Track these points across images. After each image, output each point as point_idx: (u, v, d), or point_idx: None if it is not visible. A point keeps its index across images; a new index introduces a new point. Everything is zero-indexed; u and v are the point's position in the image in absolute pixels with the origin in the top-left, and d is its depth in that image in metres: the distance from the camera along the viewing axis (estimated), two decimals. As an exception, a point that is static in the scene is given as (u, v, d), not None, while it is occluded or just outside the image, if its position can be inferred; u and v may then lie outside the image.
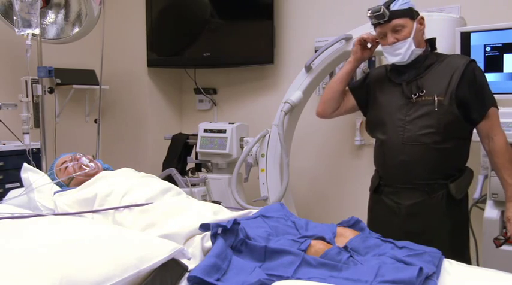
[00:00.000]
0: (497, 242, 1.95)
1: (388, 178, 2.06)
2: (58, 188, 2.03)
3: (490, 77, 2.30)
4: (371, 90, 2.14)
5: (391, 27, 1.94)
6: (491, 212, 2.19)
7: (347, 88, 2.23)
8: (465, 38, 2.34)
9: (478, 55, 2.32)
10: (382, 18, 1.93)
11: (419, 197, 1.96)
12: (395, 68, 2.05)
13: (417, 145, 1.93)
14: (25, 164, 2.06)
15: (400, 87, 2.00)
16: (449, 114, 1.90)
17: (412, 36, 1.93)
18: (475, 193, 2.34)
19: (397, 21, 1.92)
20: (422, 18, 1.98)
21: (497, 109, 1.97)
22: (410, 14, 1.94)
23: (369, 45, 2.14)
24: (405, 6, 1.93)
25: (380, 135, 2.06)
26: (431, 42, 2.03)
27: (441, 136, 1.91)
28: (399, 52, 1.95)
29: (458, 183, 1.96)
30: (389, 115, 2.02)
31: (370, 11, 1.95)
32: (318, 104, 2.28)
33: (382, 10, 1.91)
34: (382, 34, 1.98)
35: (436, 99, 1.91)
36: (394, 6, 1.92)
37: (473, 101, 1.92)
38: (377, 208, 2.10)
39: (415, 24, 1.94)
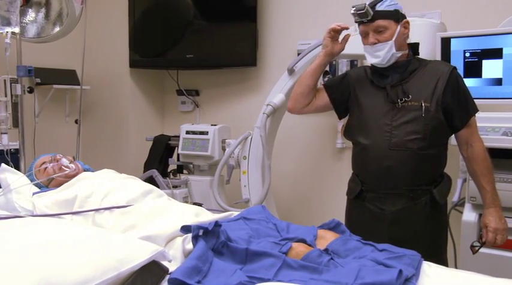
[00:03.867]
0: (473, 249, 1.98)
1: (371, 183, 2.02)
2: (37, 189, 2.00)
3: (469, 82, 2.34)
4: (351, 92, 2.09)
5: (374, 28, 1.91)
6: (469, 215, 2.22)
7: (321, 85, 2.19)
8: (445, 43, 2.37)
9: (457, 61, 2.35)
10: (365, 17, 1.90)
11: (404, 203, 1.95)
12: (377, 71, 2.02)
13: (403, 150, 1.92)
14: (3, 165, 2.03)
15: (384, 91, 1.98)
16: (435, 120, 1.91)
17: (393, 39, 1.91)
18: (454, 196, 2.37)
19: (380, 22, 1.90)
20: (408, 22, 1.97)
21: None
22: (395, 16, 1.92)
23: (339, 39, 2.08)
24: (391, 8, 1.91)
25: (363, 139, 2.02)
26: (414, 46, 2.02)
27: (427, 142, 1.91)
28: (378, 54, 1.93)
29: (440, 188, 1.98)
30: (374, 119, 1.99)
31: (354, 8, 1.91)
32: (289, 99, 2.24)
33: (365, 9, 1.88)
34: (365, 33, 1.96)
35: (423, 104, 1.90)
36: (380, 7, 1.90)
37: (456, 108, 1.93)
38: (358, 213, 2.07)
39: (398, 27, 1.92)
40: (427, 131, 1.91)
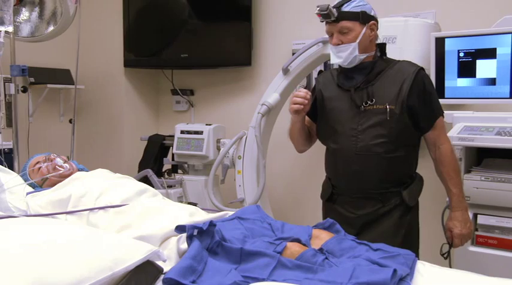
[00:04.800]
0: (444, 256, 2.01)
1: (341, 187, 2.03)
2: (31, 189, 1.99)
3: (463, 82, 2.35)
4: (319, 97, 2.07)
5: (338, 28, 1.89)
6: (463, 214, 2.23)
7: (307, 118, 2.13)
8: (439, 43, 2.38)
9: (451, 61, 2.36)
10: (328, 18, 1.88)
11: (374, 206, 1.95)
12: (343, 73, 2.00)
13: (370, 154, 1.91)
14: (-3, 165, 2.02)
15: (349, 94, 1.96)
16: (401, 123, 1.89)
17: (357, 41, 1.88)
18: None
19: (344, 23, 1.88)
20: (375, 24, 1.93)
21: (443, 117, 1.99)
22: (361, 18, 1.89)
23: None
24: (357, 9, 1.88)
25: (332, 143, 2.03)
26: (381, 47, 1.99)
27: (393, 145, 1.90)
28: (341, 55, 1.91)
29: (410, 190, 1.97)
30: (340, 124, 1.98)
31: (318, 8, 1.87)
32: (295, 146, 2.23)
33: (328, 10, 1.85)
34: (330, 33, 1.94)
35: (387, 107, 1.88)
36: (346, 8, 1.87)
37: (422, 110, 1.91)
38: (331, 216, 1.90)
39: (364, 29, 1.89)
40: (393, 134, 1.89)
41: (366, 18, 1.90)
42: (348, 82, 1.98)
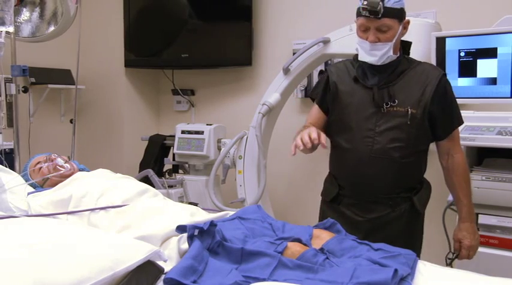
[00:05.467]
0: (447, 261, 1.99)
1: (349, 189, 1.95)
2: (32, 189, 1.99)
3: (464, 82, 2.35)
4: (333, 89, 1.96)
5: (378, 25, 1.77)
6: (464, 214, 2.22)
7: (316, 106, 2.04)
8: (440, 42, 2.38)
9: (452, 60, 2.36)
10: (375, 14, 1.74)
11: (383, 211, 1.90)
12: (363, 68, 1.91)
13: (385, 158, 1.85)
14: (-3, 165, 2.02)
15: (369, 92, 1.87)
16: (421, 128, 1.84)
17: (394, 40, 1.79)
18: (449, 195, 2.37)
19: (386, 21, 1.76)
20: (408, 22, 1.85)
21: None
22: (400, 15, 1.79)
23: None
24: (398, 6, 1.77)
25: (344, 142, 1.93)
26: (406, 45, 1.92)
27: (409, 150, 1.85)
28: (376, 53, 1.81)
29: (420, 195, 1.93)
30: (356, 122, 1.89)
31: (365, 2, 1.73)
32: None
33: (379, 6, 1.71)
34: (365, 27, 1.80)
35: (409, 111, 1.82)
36: (388, 3, 1.74)
37: (441, 117, 1.86)
38: (333, 217, 1.82)
39: (400, 28, 1.80)
40: (410, 139, 1.84)
41: (403, 15, 1.81)
42: (370, 80, 1.89)
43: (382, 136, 1.85)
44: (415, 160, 1.90)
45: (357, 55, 1.93)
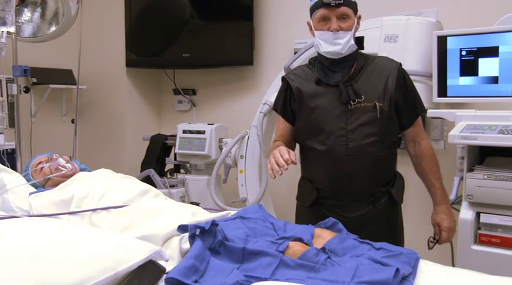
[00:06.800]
0: (429, 246, 1.99)
1: (330, 191, 1.93)
2: (33, 189, 2.00)
3: (465, 81, 2.34)
4: (298, 94, 1.94)
5: (339, 13, 1.80)
6: (466, 213, 2.21)
7: (279, 115, 2.05)
8: (442, 41, 2.37)
9: (454, 59, 2.35)
10: (337, 0, 1.78)
11: (365, 208, 1.90)
12: (323, 67, 1.92)
13: (362, 155, 1.85)
14: (-1, 165, 2.03)
15: (333, 90, 1.87)
16: (389, 120, 1.86)
17: (353, 30, 1.83)
18: (451, 194, 2.37)
19: (345, 9, 1.80)
20: (360, 17, 1.88)
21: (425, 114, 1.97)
22: (355, 7, 1.85)
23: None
24: None
25: (318, 145, 1.90)
26: (360, 40, 1.92)
27: (383, 143, 1.87)
28: (339, 41, 1.81)
29: (397, 187, 1.95)
30: (328, 123, 1.87)
31: None
32: None
33: None
34: (325, 17, 1.83)
35: (377, 105, 1.83)
36: None
37: (405, 106, 1.89)
38: (316, 221, 1.77)
39: (355, 20, 1.85)
40: (383, 132, 1.86)
41: (357, 9, 1.86)
42: (333, 77, 1.89)
43: (355, 133, 1.85)
44: (388, 154, 1.93)
45: (313, 58, 1.99)
